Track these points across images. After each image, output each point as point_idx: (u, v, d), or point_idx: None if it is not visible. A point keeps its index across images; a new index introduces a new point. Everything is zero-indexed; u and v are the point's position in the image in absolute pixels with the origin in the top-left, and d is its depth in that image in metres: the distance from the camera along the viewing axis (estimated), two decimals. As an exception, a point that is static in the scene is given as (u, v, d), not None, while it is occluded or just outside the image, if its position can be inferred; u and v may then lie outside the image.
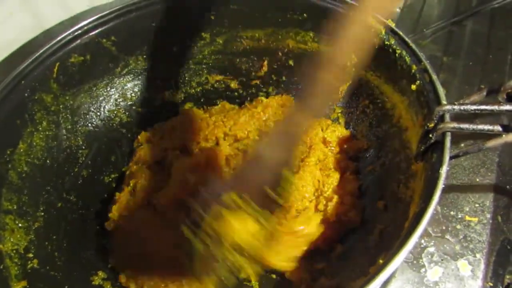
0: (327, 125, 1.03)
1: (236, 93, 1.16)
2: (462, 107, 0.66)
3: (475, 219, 0.92)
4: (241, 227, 0.69)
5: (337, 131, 1.00)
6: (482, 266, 0.86)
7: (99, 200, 1.01)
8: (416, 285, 0.86)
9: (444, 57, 1.27)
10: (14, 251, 0.81)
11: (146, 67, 1.13)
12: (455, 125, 0.65)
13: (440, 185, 0.61)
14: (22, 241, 0.84)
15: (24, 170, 0.91)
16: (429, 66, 0.77)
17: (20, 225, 0.85)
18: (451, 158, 0.64)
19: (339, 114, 1.05)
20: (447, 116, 0.67)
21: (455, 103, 0.67)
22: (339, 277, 0.80)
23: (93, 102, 1.07)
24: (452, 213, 0.94)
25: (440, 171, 0.62)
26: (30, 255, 0.83)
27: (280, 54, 1.11)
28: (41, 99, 0.96)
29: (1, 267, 0.76)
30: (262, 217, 0.70)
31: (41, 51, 0.96)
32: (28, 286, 0.77)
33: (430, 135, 0.67)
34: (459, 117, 0.69)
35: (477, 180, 0.98)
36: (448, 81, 1.20)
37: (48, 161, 0.97)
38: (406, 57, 0.82)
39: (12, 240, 0.82)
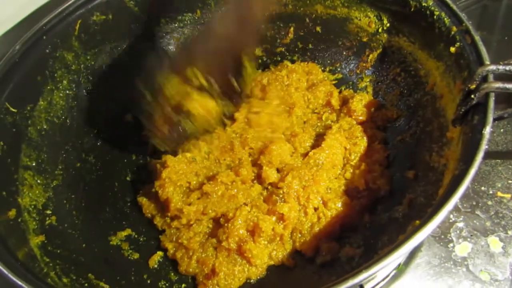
0: (352, 95, 0.99)
1: (260, 61, 1.12)
2: (507, 67, 0.62)
3: (508, 196, 0.88)
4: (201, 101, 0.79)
5: (364, 100, 0.96)
6: (514, 243, 0.82)
7: (118, 162, 0.99)
8: (443, 259, 0.82)
9: (478, 31, 1.21)
10: (33, 206, 0.80)
11: (169, 31, 1.10)
12: (499, 85, 0.61)
13: (484, 145, 0.57)
14: (40, 198, 0.83)
15: (43, 128, 0.90)
16: (471, 27, 0.72)
17: (38, 181, 0.84)
18: (494, 120, 0.60)
19: (368, 83, 1.01)
20: (491, 77, 0.63)
21: (500, 62, 0.63)
22: (365, 246, 0.77)
23: (114, 64, 1.05)
24: (483, 188, 0.90)
25: (483, 131, 0.58)
26: (48, 211, 0.82)
27: (307, 20, 1.06)
28: (62, 56, 0.94)
29: (19, 220, 0.75)
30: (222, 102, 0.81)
31: (63, 7, 0.93)
32: (46, 241, 0.76)
33: (472, 96, 0.63)
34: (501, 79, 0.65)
35: (511, 155, 0.93)
36: (481, 56, 1.15)
37: (68, 121, 0.95)
38: (445, 19, 0.78)
39: (30, 195, 0.81)
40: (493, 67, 0.63)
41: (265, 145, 0.89)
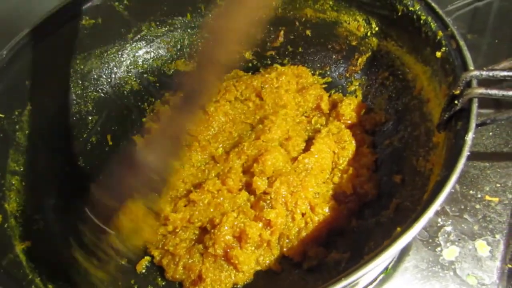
0: (341, 99, 0.99)
1: (250, 64, 1.13)
2: (491, 73, 0.62)
3: (496, 199, 0.88)
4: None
5: (353, 104, 0.96)
6: (501, 247, 0.82)
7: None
8: (431, 263, 0.82)
9: (468, 34, 1.22)
10: (20, 212, 0.80)
11: (159, 34, 1.10)
12: (483, 90, 0.61)
13: (465, 152, 0.57)
14: (28, 203, 0.82)
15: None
16: (456, 32, 0.73)
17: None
18: (477, 125, 0.60)
19: (357, 87, 1.01)
20: (474, 82, 0.63)
21: (484, 68, 0.63)
22: (352, 251, 0.77)
23: (104, 68, 1.05)
24: (471, 192, 0.90)
25: (465, 138, 0.59)
26: (36, 216, 0.82)
27: (297, 23, 1.07)
28: (51, 61, 0.94)
29: (5, 226, 0.75)
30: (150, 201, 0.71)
31: (52, 11, 0.93)
32: (32, 247, 0.76)
33: (456, 102, 0.63)
34: (486, 84, 0.65)
35: (499, 159, 0.93)
36: (472, 59, 1.14)
37: (56, 125, 0.95)
38: (431, 24, 0.78)
39: (18, 200, 0.81)
40: (476, 72, 0.63)
41: (260, 153, 0.88)
